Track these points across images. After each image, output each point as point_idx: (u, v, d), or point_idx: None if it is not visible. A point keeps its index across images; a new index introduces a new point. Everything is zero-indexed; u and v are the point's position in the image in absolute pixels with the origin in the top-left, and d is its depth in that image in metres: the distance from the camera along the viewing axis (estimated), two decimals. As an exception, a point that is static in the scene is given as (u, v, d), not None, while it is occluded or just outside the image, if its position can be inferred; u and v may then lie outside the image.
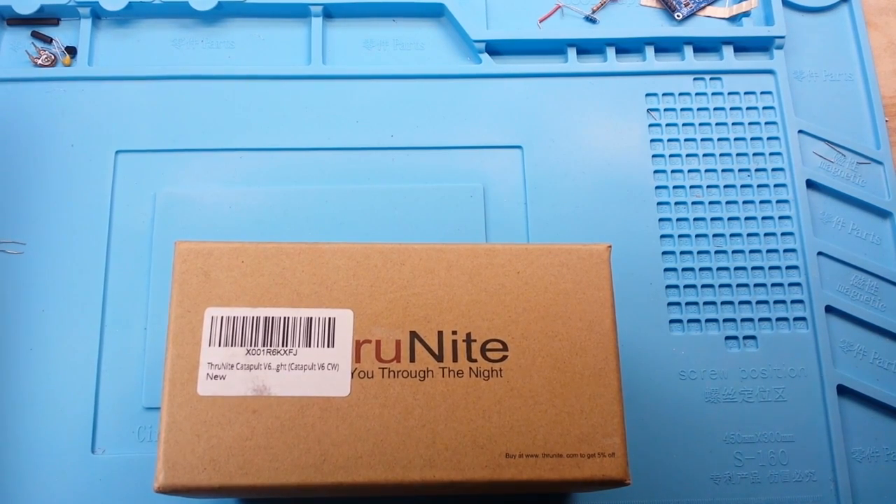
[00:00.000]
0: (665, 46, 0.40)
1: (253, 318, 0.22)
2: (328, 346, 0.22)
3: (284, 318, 0.22)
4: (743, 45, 0.40)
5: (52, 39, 0.39)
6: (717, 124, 0.39)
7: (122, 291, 0.35)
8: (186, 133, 0.37)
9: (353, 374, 0.22)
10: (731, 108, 0.39)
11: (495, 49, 0.40)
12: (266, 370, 0.21)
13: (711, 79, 0.40)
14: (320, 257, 0.23)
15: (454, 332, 0.24)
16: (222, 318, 0.21)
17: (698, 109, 0.39)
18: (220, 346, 0.21)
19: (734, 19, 0.41)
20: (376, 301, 0.23)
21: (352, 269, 0.24)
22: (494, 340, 0.24)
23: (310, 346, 0.22)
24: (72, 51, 0.39)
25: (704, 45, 0.41)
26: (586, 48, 0.40)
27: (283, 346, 0.22)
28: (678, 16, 0.41)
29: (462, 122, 0.38)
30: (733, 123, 0.39)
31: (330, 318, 0.22)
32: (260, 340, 0.21)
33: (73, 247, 0.35)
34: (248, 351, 0.21)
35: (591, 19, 0.41)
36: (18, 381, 0.33)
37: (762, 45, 0.40)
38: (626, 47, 0.40)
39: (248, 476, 0.20)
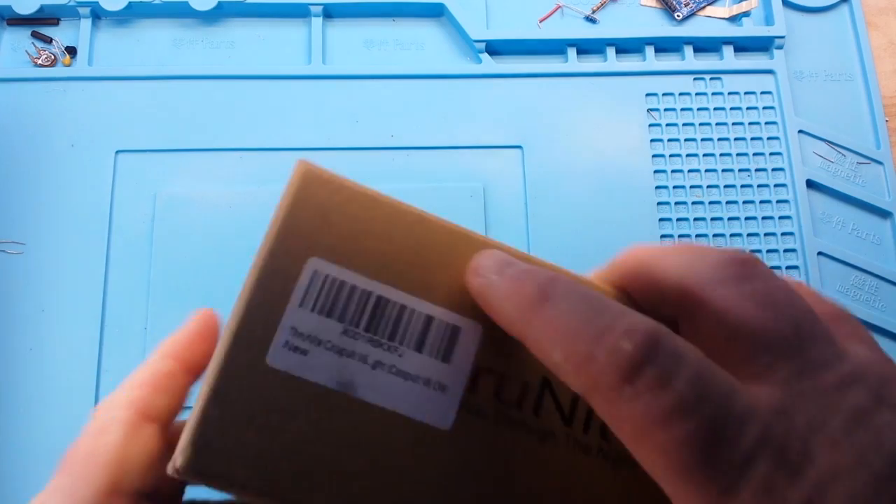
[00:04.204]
0: (665, 46, 0.40)
1: (364, 291, 0.16)
2: (442, 360, 0.17)
3: (402, 305, 0.17)
4: (743, 45, 0.40)
5: (52, 39, 0.39)
6: (717, 124, 0.39)
7: (122, 291, 0.35)
8: (186, 133, 0.37)
9: (461, 404, 0.17)
10: (731, 108, 0.39)
11: (495, 49, 0.40)
12: (360, 362, 0.16)
13: (711, 79, 0.40)
14: (470, 246, 0.17)
15: None
16: (327, 277, 0.16)
17: (698, 109, 0.39)
18: (313, 310, 0.16)
19: (734, 19, 0.41)
20: None
21: None
22: None
23: (421, 351, 0.17)
24: (72, 51, 0.39)
25: (704, 45, 0.41)
26: (586, 48, 0.40)
27: (390, 338, 0.16)
28: (678, 16, 0.41)
29: (462, 122, 0.38)
30: (733, 123, 0.39)
31: (454, 327, 0.17)
32: (364, 322, 0.16)
33: (73, 247, 0.35)
34: (346, 330, 0.16)
35: (591, 19, 0.41)
36: (18, 381, 0.33)
37: (762, 45, 0.40)
38: (626, 47, 0.40)
39: (298, 489, 0.15)
